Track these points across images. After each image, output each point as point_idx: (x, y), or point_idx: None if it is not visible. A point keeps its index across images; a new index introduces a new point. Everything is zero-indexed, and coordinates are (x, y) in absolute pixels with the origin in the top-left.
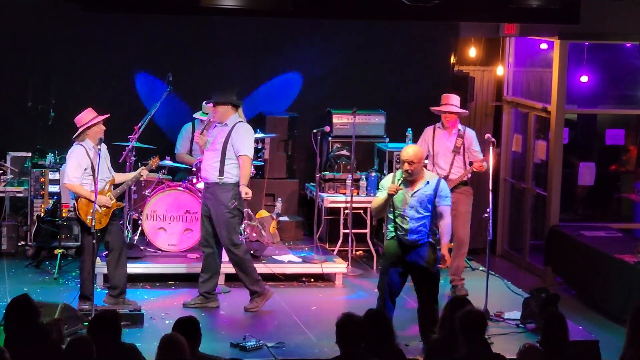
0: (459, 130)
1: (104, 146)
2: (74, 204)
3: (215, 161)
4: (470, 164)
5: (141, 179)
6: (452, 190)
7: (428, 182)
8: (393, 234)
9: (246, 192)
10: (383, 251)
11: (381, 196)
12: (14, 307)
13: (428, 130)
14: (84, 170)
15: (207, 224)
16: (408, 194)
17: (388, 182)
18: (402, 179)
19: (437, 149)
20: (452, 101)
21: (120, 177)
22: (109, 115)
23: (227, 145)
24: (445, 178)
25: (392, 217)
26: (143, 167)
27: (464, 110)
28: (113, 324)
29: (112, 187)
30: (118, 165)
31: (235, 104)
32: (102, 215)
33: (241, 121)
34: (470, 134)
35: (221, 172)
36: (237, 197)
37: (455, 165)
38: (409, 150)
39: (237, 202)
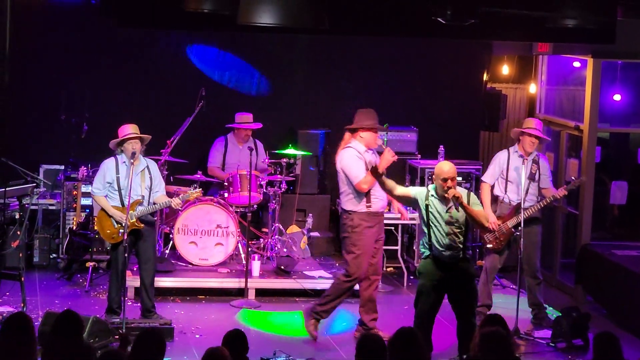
0: (534, 155)
1: (149, 163)
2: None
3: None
4: (539, 191)
5: (171, 205)
6: (526, 221)
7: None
8: (428, 252)
9: None
10: (419, 271)
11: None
12: (62, 319)
13: (502, 155)
14: (107, 183)
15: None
16: (443, 210)
17: (422, 193)
18: (440, 195)
19: (513, 176)
20: (539, 126)
21: (160, 199)
22: (141, 135)
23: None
24: (518, 206)
25: (427, 234)
26: (177, 197)
27: (548, 138)
28: (159, 346)
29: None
30: None
31: None
32: (117, 230)
33: None
34: (545, 160)
35: None
36: None
37: (529, 192)
38: (450, 167)
39: None
